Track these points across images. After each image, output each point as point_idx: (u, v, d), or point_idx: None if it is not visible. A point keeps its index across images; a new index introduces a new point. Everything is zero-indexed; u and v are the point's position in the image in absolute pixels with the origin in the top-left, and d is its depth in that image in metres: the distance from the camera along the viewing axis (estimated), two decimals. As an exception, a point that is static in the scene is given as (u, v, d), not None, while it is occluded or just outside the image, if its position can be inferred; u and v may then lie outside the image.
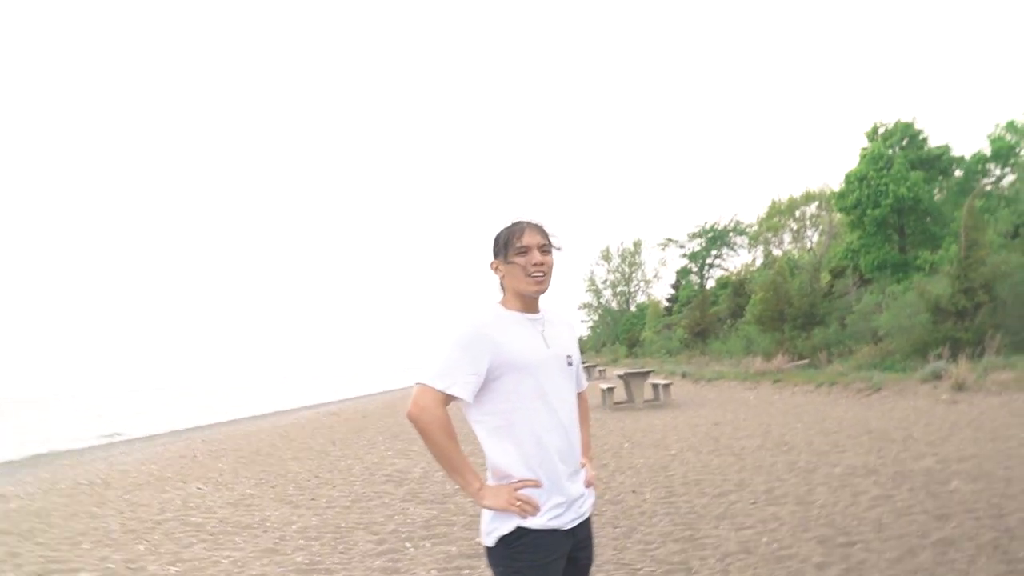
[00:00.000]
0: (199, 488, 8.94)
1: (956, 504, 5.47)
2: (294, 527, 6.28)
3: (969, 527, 4.82)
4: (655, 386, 18.16)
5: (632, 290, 73.09)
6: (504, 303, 2.19)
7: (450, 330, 2.12)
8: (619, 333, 63.65)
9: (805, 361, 22.09)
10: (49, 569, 5.25)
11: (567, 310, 2.33)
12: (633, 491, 7.02)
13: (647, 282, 71.99)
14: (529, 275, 2.10)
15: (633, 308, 69.36)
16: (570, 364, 2.21)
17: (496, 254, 2.18)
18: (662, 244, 60.10)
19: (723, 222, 54.37)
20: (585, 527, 2.19)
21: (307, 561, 5.12)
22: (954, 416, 10.61)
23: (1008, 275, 16.73)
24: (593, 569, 4.66)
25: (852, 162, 28.01)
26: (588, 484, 2.24)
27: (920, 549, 4.45)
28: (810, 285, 25.93)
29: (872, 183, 25.69)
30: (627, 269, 73.15)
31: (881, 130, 27.92)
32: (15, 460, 18.84)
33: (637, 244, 72.18)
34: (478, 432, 2.13)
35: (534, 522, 2.01)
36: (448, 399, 2.02)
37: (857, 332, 21.86)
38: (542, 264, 2.11)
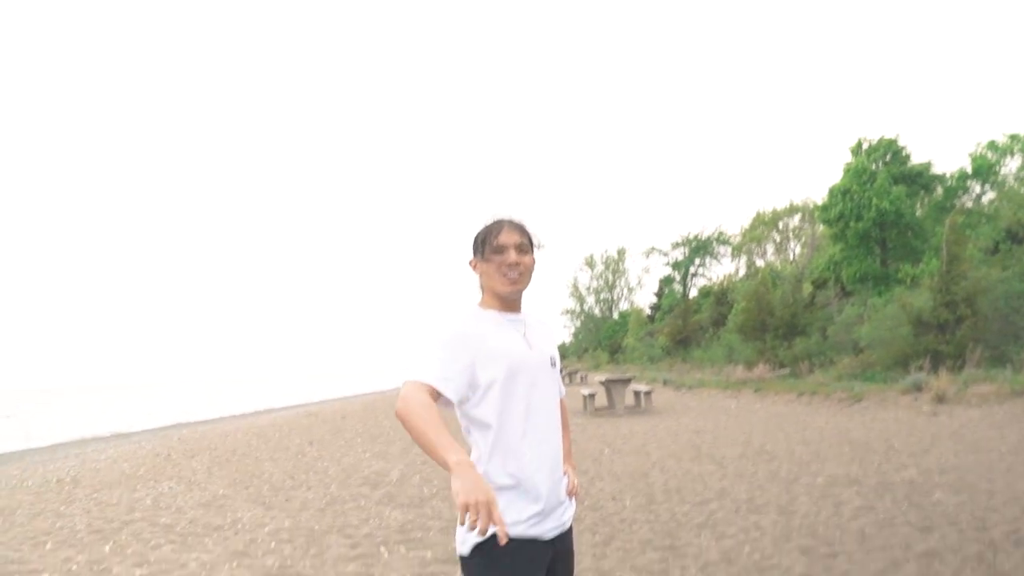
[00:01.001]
0: (171, 487, 8.74)
1: (939, 516, 5.41)
2: (266, 529, 6.11)
3: (953, 540, 4.75)
4: (636, 393, 18.10)
5: (615, 297, 73.29)
6: (482, 303, 2.10)
7: (430, 332, 2.03)
8: (601, 339, 63.72)
9: (786, 370, 22.14)
10: (8, 571, 5.07)
11: (547, 313, 2.23)
12: (613, 498, 6.91)
13: (630, 290, 72.27)
14: (504, 275, 2.02)
15: (616, 315, 69.50)
16: (553, 366, 2.13)
17: (474, 252, 2.11)
18: (646, 252, 60.35)
19: (707, 232, 54.66)
20: (566, 539, 2.10)
21: (278, 565, 4.97)
22: (935, 428, 10.61)
23: (989, 290, 16.85)
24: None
25: (835, 176, 28.26)
26: (571, 492, 2.16)
27: (904, 562, 4.38)
28: (792, 295, 26.04)
29: (855, 197, 25.86)
30: (610, 276, 73.36)
31: (865, 145, 28.13)
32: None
33: (621, 252, 72.45)
34: (463, 433, 2.05)
35: (512, 530, 1.89)
36: (434, 392, 1.87)
37: (838, 343, 21.95)
38: (518, 264, 2.02)
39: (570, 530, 2.12)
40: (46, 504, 7.91)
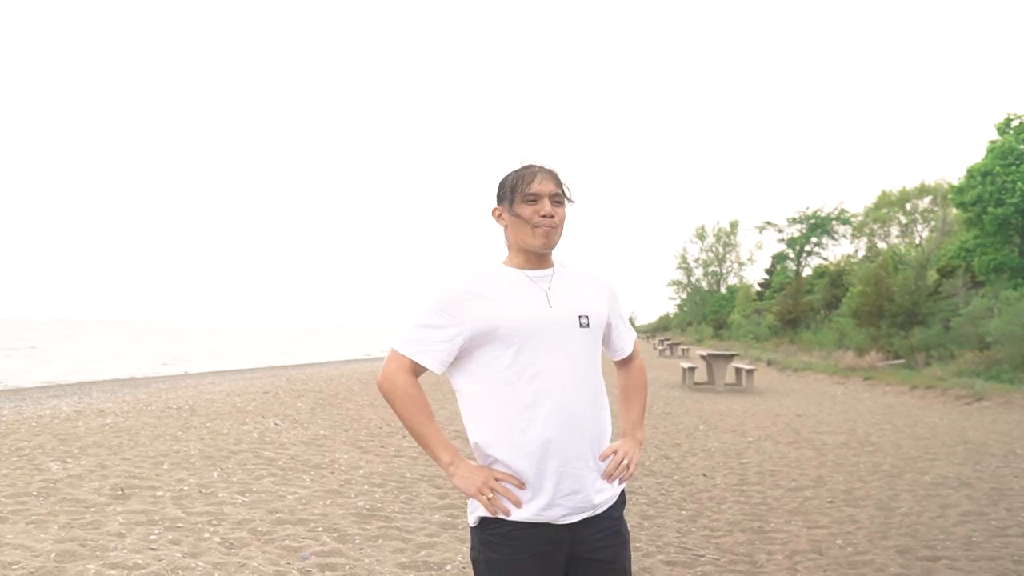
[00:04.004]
0: (276, 424, 9.23)
1: (1059, 530, 5.01)
2: (360, 472, 6.37)
3: (1072, 557, 4.39)
4: (738, 370, 17.64)
5: (724, 271, 71.36)
6: (507, 261, 1.91)
7: (427, 290, 1.86)
8: (707, 313, 62.35)
9: (901, 361, 21.01)
10: (130, 484, 5.51)
11: (602, 269, 2.02)
12: (704, 475, 6.80)
13: (741, 264, 70.20)
14: (537, 226, 1.81)
15: (723, 290, 67.71)
16: (584, 326, 1.83)
17: (500, 200, 1.89)
18: (760, 227, 57.95)
19: (827, 209, 52.03)
20: (599, 523, 1.82)
21: (368, 507, 5.18)
22: (1064, 435, 9.82)
23: None
24: (652, 550, 4.46)
25: (976, 156, 26.16)
26: (610, 476, 1.86)
27: (1014, 574, 4.10)
28: (915, 282, 24.55)
29: (998, 179, 23.90)
30: (721, 249, 71.42)
31: (1015, 122, 25.86)
32: (119, 379, 20.10)
33: (734, 225, 70.30)
34: (459, 403, 1.88)
35: (517, 513, 1.75)
36: (417, 367, 1.80)
37: (962, 336, 20.56)
38: (552, 216, 1.81)
39: (614, 513, 1.87)
40: (165, 428, 8.54)
